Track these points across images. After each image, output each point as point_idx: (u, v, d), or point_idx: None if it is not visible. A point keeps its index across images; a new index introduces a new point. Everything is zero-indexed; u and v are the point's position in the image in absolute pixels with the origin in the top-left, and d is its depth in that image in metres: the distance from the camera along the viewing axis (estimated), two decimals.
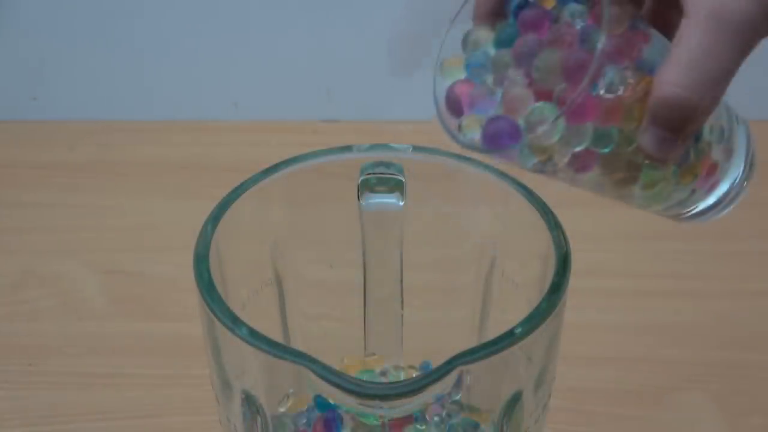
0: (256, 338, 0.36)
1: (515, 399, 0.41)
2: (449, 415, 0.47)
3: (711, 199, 0.41)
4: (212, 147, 0.86)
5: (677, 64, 0.32)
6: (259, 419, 0.42)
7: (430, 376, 0.34)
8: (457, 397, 0.47)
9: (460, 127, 0.37)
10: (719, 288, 0.69)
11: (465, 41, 0.38)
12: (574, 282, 0.40)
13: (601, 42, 0.32)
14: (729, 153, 0.40)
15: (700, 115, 0.33)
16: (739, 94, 0.89)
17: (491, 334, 0.40)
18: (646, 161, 0.36)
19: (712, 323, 0.66)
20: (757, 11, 0.32)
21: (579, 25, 0.35)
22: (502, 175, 0.44)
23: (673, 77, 0.32)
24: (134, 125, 0.89)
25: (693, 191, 0.40)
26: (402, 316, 0.47)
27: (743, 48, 0.33)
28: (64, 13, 0.86)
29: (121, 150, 0.86)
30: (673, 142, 0.34)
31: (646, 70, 0.35)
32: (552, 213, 0.43)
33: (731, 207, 0.42)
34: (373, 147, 0.46)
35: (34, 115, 0.90)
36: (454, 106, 0.37)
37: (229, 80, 0.89)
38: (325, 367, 0.35)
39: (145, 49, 0.88)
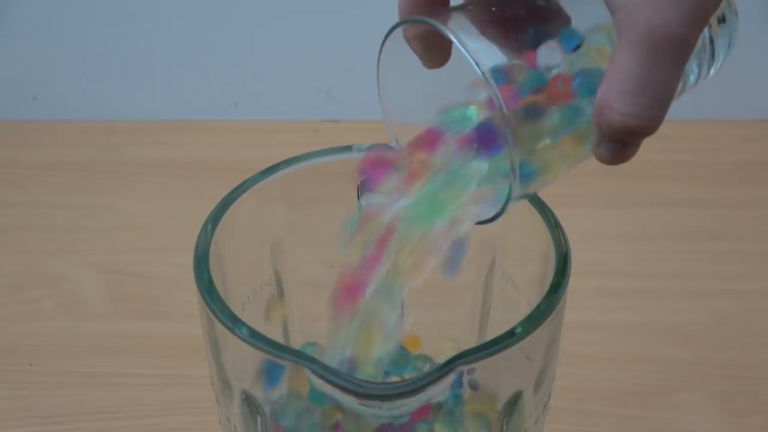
0: (256, 338, 0.36)
1: (515, 399, 0.41)
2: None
3: (718, 62, 0.40)
4: (212, 147, 0.86)
5: (620, 92, 0.32)
6: (259, 419, 0.42)
7: (430, 376, 0.34)
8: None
9: None
10: (719, 288, 0.69)
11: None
12: (574, 282, 0.40)
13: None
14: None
15: (651, 129, 0.33)
16: (739, 93, 0.89)
17: (491, 334, 0.40)
18: None
19: (712, 323, 0.66)
20: (688, 24, 0.32)
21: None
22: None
23: (618, 105, 0.32)
24: (134, 125, 0.89)
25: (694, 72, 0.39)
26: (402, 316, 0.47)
27: (681, 61, 0.32)
28: (63, 13, 0.85)
29: (121, 150, 0.86)
30: (628, 150, 0.34)
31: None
32: (552, 213, 0.43)
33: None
34: (373, 147, 0.46)
35: (34, 115, 0.90)
36: None
37: (229, 80, 0.89)
38: (325, 367, 0.35)
39: (145, 49, 0.87)
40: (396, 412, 0.37)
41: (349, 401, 0.35)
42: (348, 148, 0.46)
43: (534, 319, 0.37)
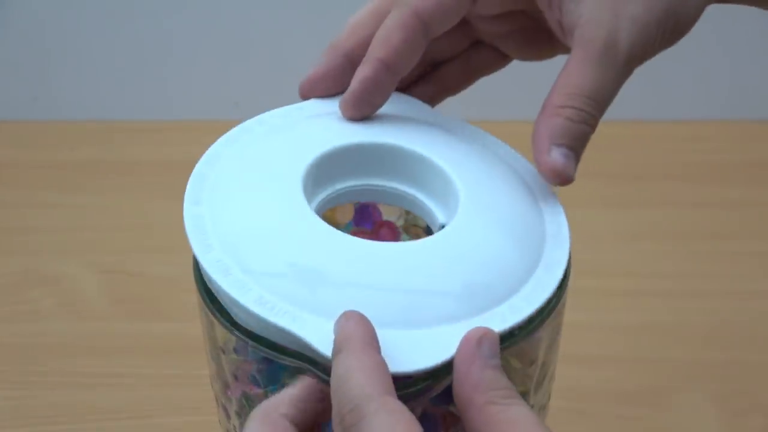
0: (255, 338, 0.36)
1: None
2: None
3: None
4: None
5: (580, 96, 0.36)
6: None
7: (430, 378, 0.34)
8: None
9: None
10: (719, 288, 0.69)
11: None
12: (574, 282, 0.40)
13: None
14: None
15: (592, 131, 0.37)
16: (739, 93, 0.88)
17: None
18: None
19: (712, 323, 0.66)
20: (643, 43, 0.36)
21: None
22: None
23: (579, 105, 0.36)
24: (134, 125, 0.89)
25: None
26: None
27: (628, 74, 0.37)
28: (64, 13, 0.86)
29: (121, 150, 0.86)
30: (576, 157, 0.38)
31: None
32: None
33: None
34: None
35: (35, 115, 0.90)
36: None
37: (229, 80, 0.89)
38: (325, 367, 0.35)
39: (145, 49, 0.88)
40: None
41: None
42: None
43: (534, 320, 0.37)
